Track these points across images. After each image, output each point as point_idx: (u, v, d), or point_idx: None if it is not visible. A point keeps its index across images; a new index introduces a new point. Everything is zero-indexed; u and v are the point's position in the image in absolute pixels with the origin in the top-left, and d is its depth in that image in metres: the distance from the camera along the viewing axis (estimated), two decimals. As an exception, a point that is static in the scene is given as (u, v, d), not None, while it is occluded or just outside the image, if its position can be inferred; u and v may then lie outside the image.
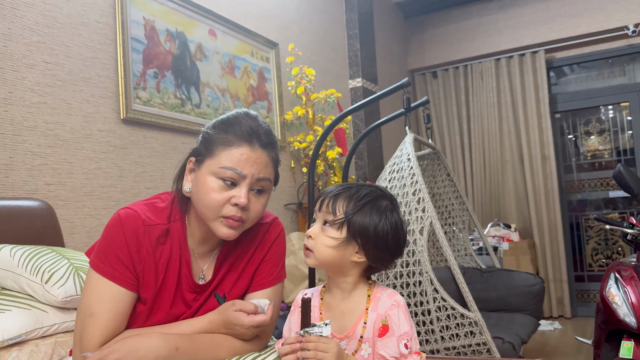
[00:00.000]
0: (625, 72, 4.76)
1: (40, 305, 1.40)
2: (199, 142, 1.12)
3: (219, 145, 1.06)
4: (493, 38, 4.97)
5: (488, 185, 4.99)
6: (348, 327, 0.97)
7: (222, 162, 1.04)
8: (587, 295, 4.83)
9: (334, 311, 1.00)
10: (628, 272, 2.12)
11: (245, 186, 1.05)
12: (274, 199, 3.24)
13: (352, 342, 0.96)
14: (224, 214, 1.05)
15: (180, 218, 1.13)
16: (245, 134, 1.06)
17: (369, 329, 0.96)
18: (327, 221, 0.99)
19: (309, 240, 1.00)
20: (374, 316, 0.97)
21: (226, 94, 2.97)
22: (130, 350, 0.97)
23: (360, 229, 0.98)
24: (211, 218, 1.06)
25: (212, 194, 1.04)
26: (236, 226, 1.06)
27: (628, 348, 1.93)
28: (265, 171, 1.08)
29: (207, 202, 1.05)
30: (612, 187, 4.76)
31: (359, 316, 0.97)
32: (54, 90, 2.06)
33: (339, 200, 0.99)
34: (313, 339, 0.88)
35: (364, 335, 0.96)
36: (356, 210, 0.98)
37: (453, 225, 3.48)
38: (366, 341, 0.96)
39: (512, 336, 2.37)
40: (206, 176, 1.06)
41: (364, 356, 0.96)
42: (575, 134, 4.96)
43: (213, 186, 1.05)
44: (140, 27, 2.46)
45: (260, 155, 1.07)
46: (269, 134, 1.11)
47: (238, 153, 1.05)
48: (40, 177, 1.98)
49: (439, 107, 5.27)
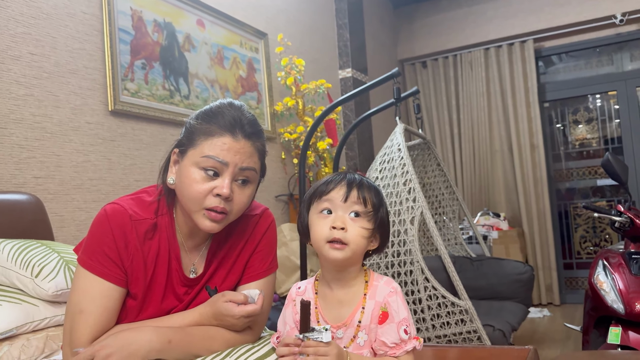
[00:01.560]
0: (613, 61, 4.79)
1: (31, 299, 1.39)
2: (182, 133, 1.11)
3: (201, 135, 1.05)
4: (482, 28, 4.98)
5: (477, 175, 5.02)
6: (346, 315, 0.97)
7: (204, 151, 1.03)
8: (575, 283, 4.89)
9: (331, 301, 1.00)
10: (616, 259, 2.15)
11: (228, 176, 1.03)
12: (264, 190, 3.23)
13: (349, 330, 0.96)
14: (207, 205, 1.03)
15: (167, 212, 1.12)
16: (227, 124, 1.05)
17: (367, 315, 0.96)
18: (359, 212, 0.95)
19: (342, 233, 0.93)
20: (372, 304, 0.97)
21: (215, 85, 2.95)
22: (122, 344, 0.97)
23: (383, 218, 0.99)
24: (194, 210, 1.05)
25: (194, 185, 1.03)
26: (219, 219, 1.05)
27: (616, 334, 1.96)
28: (249, 161, 1.06)
29: (189, 193, 1.04)
30: (600, 176, 4.81)
31: (358, 304, 0.97)
32: (41, 82, 2.04)
33: (365, 190, 0.96)
34: (312, 343, 0.89)
35: (362, 321, 0.96)
36: (383, 201, 1.00)
37: (443, 215, 3.50)
38: (363, 328, 0.96)
39: (503, 324, 2.40)
40: (189, 167, 1.04)
41: (360, 344, 0.96)
42: (564, 123, 4.99)
43: (195, 177, 1.03)
44: (127, 18, 2.43)
45: (243, 145, 1.05)
46: (254, 123, 1.09)
47: (220, 142, 1.03)
48: (28, 171, 1.96)
49: (429, 97, 5.27)
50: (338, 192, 0.95)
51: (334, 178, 0.99)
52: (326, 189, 0.97)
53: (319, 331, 0.90)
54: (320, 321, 0.98)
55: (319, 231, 0.95)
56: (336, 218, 0.94)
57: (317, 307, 0.99)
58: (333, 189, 0.96)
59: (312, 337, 0.89)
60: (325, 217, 0.95)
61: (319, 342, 0.89)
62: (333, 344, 0.89)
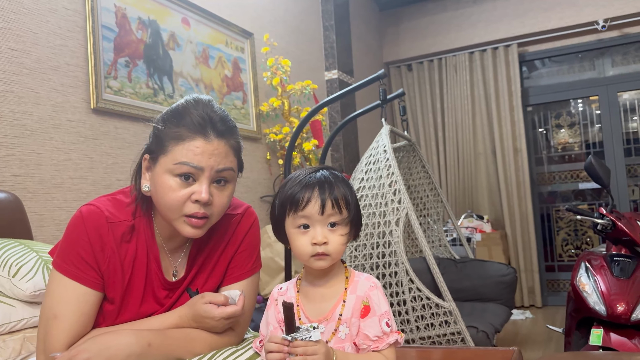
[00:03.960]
0: (595, 67, 4.86)
1: (8, 299, 1.36)
2: (150, 137, 1.05)
3: (170, 140, 1.00)
4: (467, 31, 5.02)
5: (461, 177, 5.05)
6: (327, 309, 0.98)
7: (177, 157, 0.98)
8: (557, 285, 4.94)
9: (313, 296, 1.00)
10: (598, 261, 2.17)
11: (205, 180, 0.99)
12: (249, 191, 3.21)
13: (330, 323, 0.97)
14: (186, 212, 1.00)
15: (145, 214, 1.08)
16: (197, 125, 0.99)
17: (347, 309, 0.96)
18: (335, 222, 0.96)
19: (324, 247, 0.95)
20: (353, 298, 0.97)
21: (200, 84, 2.92)
22: (100, 348, 0.94)
23: (356, 211, 0.99)
24: (173, 218, 1.01)
25: (170, 194, 0.99)
26: (200, 224, 1.01)
27: (597, 335, 1.98)
28: (225, 161, 1.02)
29: (166, 202, 1.00)
30: (582, 179, 4.87)
31: (339, 298, 0.98)
32: (21, 79, 1.99)
33: (338, 196, 0.96)
34: (301, 343, 0.88)
35: (342, 314, 0.96)
36: (352, 192, 0.99)
37: (428, 217, 3.51)
38: (344, 322, 0.96)
39: (486, 325, 2.41)
40: (162, 175, 1.00)
41: (341, 337, 0.96)
42: (547, 127, 5.05)
43: (171, 184, 0.99)
44: (111, 15, 2.39)
45: (217, 145, 1.00)
46: (225, 120, 1.04)
47: (192, 146, 0.98)
48: (7, 169, 1.92)
49: (414, 100, 5.30)
50: (313, 207, 0.95)
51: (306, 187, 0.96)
52: (301, 204, 0.95)
53: (306, 330, 0.89)
54: (302, 318, 0.98)
55: (300, 247, 0.96)
56: (316, 234, 0.95)
57: (298, 305, 0.99)
58: (307, 204, 0.95)
59: (300, 337, 0.88)
60: (304, 233, 0.96)
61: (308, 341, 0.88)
62: (322, 343, 0.89)
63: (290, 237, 0.98)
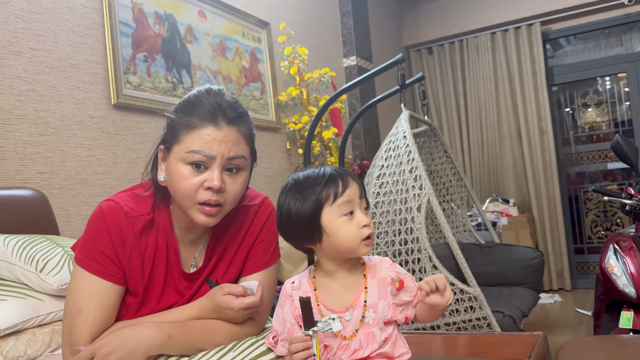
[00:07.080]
0: (622, 42, 4.70)
1: (36, 294, 1.39)
2: (164, 128, 1.08)
3: (182, 129, 1.02)
4: (488, 11, 4.90)
5: (486, 161, 4.97)
6: (351, 298, 0.98)
7: (188, 146, 1.00)
8: (586, 268, 4.85)
9: (334, 289, 0.99)
10: (627, 242, 2.12)
11: (216, 168, 1.01)
12: (271, 181, 3.22)
13: (356, 310, 0.97)
14: (199, 199, 1.01)
15: (164, 206, 1.10)
16: (208, 113, 1.01)
17: (372, 294, 0.98)
18: (366, 206, 1.01)
19: (372, 229, 0.99)
20: (374, 282, 0.99)
21: (218, 76, 2.93)
22: (123, 341, 0.96)
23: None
24: (188, 205, 1.03)
25: (183, 181, 1.01)
26: (214, 213, 1.03)
27: (628, 318, 1.94)
28: (236, 149, 1.03)
29: (180, 190, 1.02)
30: (610, 159, 4.75)
31: (361, 285, 0.99)
32: (43, 77, 2.03)
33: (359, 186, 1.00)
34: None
35: (367, 300, 0.97)
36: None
37: (451, 202, 3.47)
38: (370, 307, 0.97)
39: (513, 310, 2.38)
40: (175, 163, 1.02)
41: (369, 323, 0.96)
42: (573, 107, 4.92)
43: (184, 172, 1.01)
44: (128, 10, 2.41)
45: (227, 132, 1.01)
46: (235, 106, 1.05)
47: (204, 134, 1.00)
48: (32, 166, 1.96)
49: (435, 84, 5.22)
50: (354, 191, 0.97)
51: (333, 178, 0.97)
52: (341, 190, 0.95)
53: (325, 322, 0.89)
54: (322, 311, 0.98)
55: (351, 234, 0.95)
56: (361, 218, 0.97)
57: (318, 303, 0.98)
58: (346, 189, 0.96)
59: (320, 329, 0.88)
60: (350, 219, 0.96)
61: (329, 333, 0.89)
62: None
63: (333, 229, 0.95)
